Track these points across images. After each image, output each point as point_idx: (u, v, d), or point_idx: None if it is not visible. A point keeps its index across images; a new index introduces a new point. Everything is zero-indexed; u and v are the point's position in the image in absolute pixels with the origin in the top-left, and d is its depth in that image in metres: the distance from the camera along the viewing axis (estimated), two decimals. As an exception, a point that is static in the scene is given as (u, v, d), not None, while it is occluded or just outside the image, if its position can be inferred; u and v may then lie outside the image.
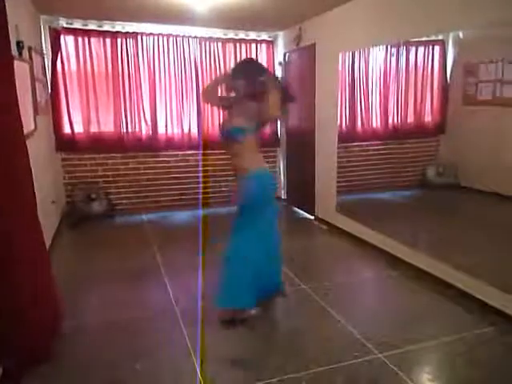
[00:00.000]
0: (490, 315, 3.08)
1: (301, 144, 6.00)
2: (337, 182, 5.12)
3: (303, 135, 5.89)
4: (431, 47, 4.72)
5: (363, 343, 2.80)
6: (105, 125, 5.81)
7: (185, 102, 6.07)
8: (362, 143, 5.43)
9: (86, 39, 5.54)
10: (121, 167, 5.99)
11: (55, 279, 3.03)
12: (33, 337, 2.55)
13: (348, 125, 5.37)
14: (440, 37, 4.37)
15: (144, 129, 5.96)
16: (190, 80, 6.06)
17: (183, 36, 5.93)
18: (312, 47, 5.45)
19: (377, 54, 5.06)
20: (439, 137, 4.79)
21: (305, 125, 5.81)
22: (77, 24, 5.44)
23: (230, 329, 3.00)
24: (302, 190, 6.03)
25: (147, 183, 6.13)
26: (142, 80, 5.87)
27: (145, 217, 5.92)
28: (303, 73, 5.80)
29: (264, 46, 6.41)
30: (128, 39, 5.70)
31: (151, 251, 4.55)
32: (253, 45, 6.32)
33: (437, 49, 4.68)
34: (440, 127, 4.82)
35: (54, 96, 5.49)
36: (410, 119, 5.14)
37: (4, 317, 2.40)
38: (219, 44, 6.13)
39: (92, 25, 5.51)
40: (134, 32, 5.70)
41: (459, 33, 3.96)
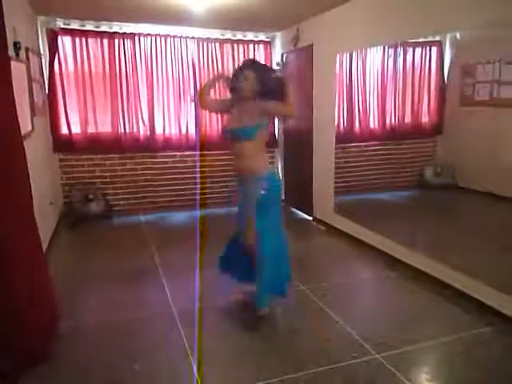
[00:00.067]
0: (488, 315, 3.08)
1: (299, 144, 6.01)
2: (335, 183, 5.13)
3: (301, 136, 5.89)
4: (428, 48, 4.73)
5: (361, 344, 2.80)
6: (102, 125, 5.80)
7: (182, 103, 6.07)
8: (360, 144, 5.44)
9: (84, 40, 5.53)
10: (118, 168, 5.98)
11: (52, 280, 3.03)
12: (30, 337, 2.54)
13: (346, 125, 5.38)
14: (437, 38, 4.38)
15: (142, 129, 5.96)
16: (188, 80, 6.06)
17: (181, 37, 5.93)
18: (309, 48, 5.45)
19: (374, 55, 5.07)
20: (437, 137, 4.80)
21: (302, 125, 5.81)
22: (74, 25, 5.43)
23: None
24: (300, 191, 6.03)
25: (145, 184, 6.12)
26: (140, 80, 5.86)
27: (142, 217, 5.91)
28: (301, 73, 5.80)
29: (262, 47, 6.41)
30: (125, 40, 5.69)
31: (149, 252, 4.55)
32: (250, 45, 6.32)
33: (434, 50, 4.69)
34: (437, 128, 4.83)
35: (52, 97, 5.48)
36: (408, 120, 5.15)
37: (1, 317, 2.40)
38: (217, 45, 6.13)
39: (89, 25, 5.50)
40: (132, 33, 5.70)
41: (456, 34, 3.96)
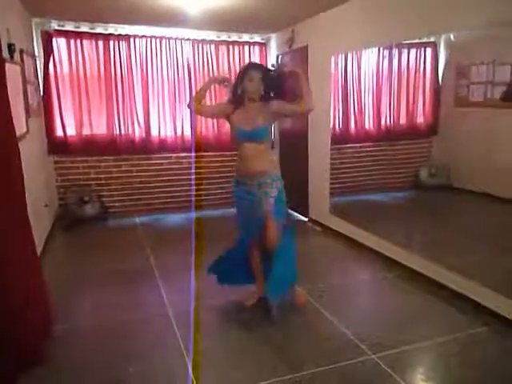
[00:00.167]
0: (484, 316, 3.08)
1: (294, 146, 6.01)
2: (330, 184, 5.13)
3: (296, 137, 5.89)
4: (423, 49, 4.75)
5: (357, 344, 2.80)
6: (97, 127, 5.79)
7: (178, 104, 6.06)
8: (355, 145, 5.45)
9: (79, 41, 5.52)
10: (113, 170, 5.96)
11: (47, 282, 3.02)
12: (25, 339, 2.53)
13: (341, 126, 5.39)
14: (432, 39, 4.40)
15: (137, 131, 5.95)
16: (183, 82, 6.05)
17: (176, 38, 5.93)
18: (304, 49, 5.46)
19: (369, 56, 5.08)
20: (432, 138, 4.82)
21: (298, 126, 5.82)
22: (69, 26, 5.42)
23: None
24: (296, 192, 6.01)
25: (140, 186, 6.10)
26: (135, 82, 5.85)
27: (138, 219, 5.90)
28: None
29: (257, 48, 6.42)
30: (120, 41, 5.68)
31: (144, 254, 4.53)
32: (246, 47, 6.33)
33: (429, 51, 4.71)
34: (432, 129, 4.84)
35: (46, 99, 5.46)
36: (403, 121, 5.16)
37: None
38: (212, 46, 6.13)
39: (84, 27, 5.49)
40: (127, 34, 5.69)
41: (451, 35, 3.98)
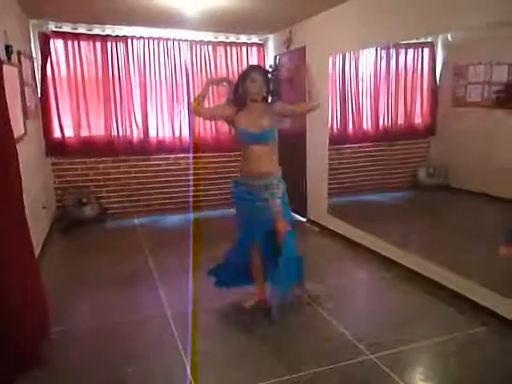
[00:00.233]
0: (482, 315, 3.09)
1: (292, 146, 6.00)
2: (328, 184, 5.13)
3: (294, 137, 5.89)
4: (421, 49, 4.76)
5: (355, 345, 2.80)
6: (95, 129, 5.78)
7: (176, 105, 6.06)
8: (353, 145, 5.45)
9: (76, 43, 5.51)
10: (112, 171, 5.96)
11: (44, 284, 3.02)
12: (22, 341, 2.53)
13: (339, 127, 5.40)
14: (429, 39, 4.40)
15: (135, 132, 5.94)
16: (181, 83, 6.05)
17: (173, 39, 5.93)
18: (302, 50, 5.46)
19: (367, 57, 5.09)
20: (429, 138, 4.83)
21: (296, 127, 5.82)
22: (66, 28, 5.41)
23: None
24: (294, 192, 6.01)
25: (138, 187, 6.10)
26: (133, 83, 5.85)
27: (136, 221, 5.90)
28: (294, 75, 5.80)
29: (255, 49, 6.42)
30: (118, 43, 5.68)
31: (143, 255, 4.53)
32: (243, 48, 6.33)
33: (426, 51, 4.71)
34: (430, 129, 4.85)
35: (44, 100, 5.46)
36: (401, 121, 5.17)
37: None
38: (210, 47, 6.13)
39: (82, 28, 5.48)
40: (124, 35, 5.69)
41: (448, 35, 3.99)
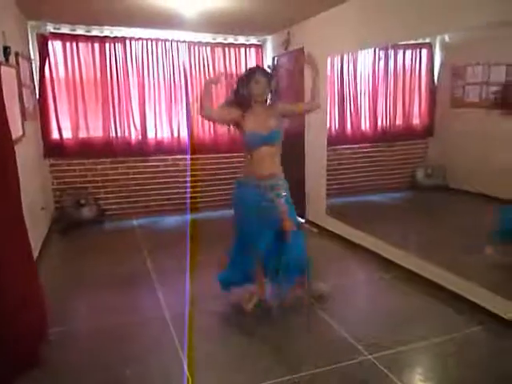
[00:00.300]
0: (480, 316, 3.08)
1: (290, 147, 5.95)
2: (327, 185, 5.14)
3: (293, 138, 5.88)
4: (419, 50, 4.77)
5: (354, 345, 2.80)
6: (94, 130, 5.78)
7: (174, 107, 6.07)
8: (352, 146, 5.45)
9: (74, 44, 5.51)
10: (110, 172, 5.95)
11: (42, 285, 3.01)
12: (20, 342, 2.52)
13: (337, 128, 5.40)
14: (427, 40, 4.41)
15: (133, 133, 5.94)
16: (179, 84, 6.06)
17: (172, 40, 5.93)
18: (300, 51, 5.46)
19: (365, 58, 5.09)
20: (428, 139, 4.83)
21: (294, 128, 5.82)
22: (64, 29, 5.41)
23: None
24: (292, 193, 6.02)
25: (137, 188, 6.09)
26: (131, 85, 5.85)
27: (135, 222, 5.89)
28: (292, 76, 5.81)
29: (253, 50, 6.43)
30: (116, 44, 5.68)
31: (141, 256, 4.53)
32: (242, 49, 6.34)
33: (424, 52, 4.72)
34: (428, 129, 4.86)
35: (42, 102, 5.45)
36: (399, 122, 5.17)
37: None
38: (208, 48, 6.13)
39: (80, 30, 5.48)
40: (123, 37, 5.69)
41: (445, 36, 3.99)
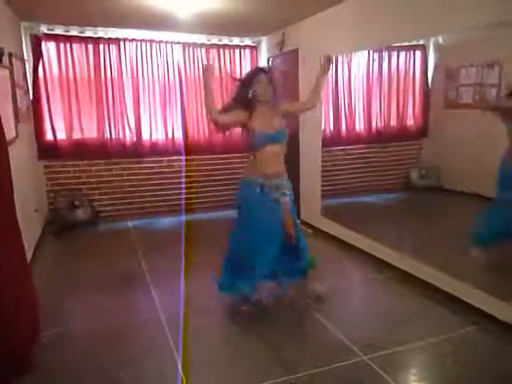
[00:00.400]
0: (475, 316, 3.09)
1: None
2: (321, 186, 5.14)
3: (287, 139, 5.89)
4: (413, 52, 4.79)
5: (349, 346, 2.80)
6: (88, 131, 5.76)
7: (168, 108, 6.06)
8: (346, 147, 5.47)
9: (68, 45, 5.48)
10: (104, 174, 5.93)
11: (36, 287, 3.00)
12: (14, 344, 2.51)
13: (332, 129, 5.41)
14: (421, 41, 4.44)
15: (128, 135, 5.92)
16: (174, 86, 6.05)
17: (166, 42, 5.92)
18: (295, 52, 5.47)
19: (360, 59, 5.11)
20: (422, 140, 4.86)
21: (289, 129, 5.82)
22: (58, 30, 5.38)
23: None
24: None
25: (132, 189, 6.07)
26: (125, 86, 5.84)
27: (130, 223, 5.87)
28: (287, 78, 5.82)
29: (248, 52, 6.43)
30: (110, 45, 5.67)
31: (136, 258, 4.51)
32: (236, 50, 6.34)
33: (418, 53, 4.75)
34: (422, 131, 4.88)
35: (36, 103, 5.43)
36: (393, 123, 5.20)
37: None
38: (203, 50, 6.12)
39: (74, 31, 5.46)
40: (117, 38, 5.68)
41: (439, 38, 4.01)
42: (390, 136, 5.16)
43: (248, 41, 6.38)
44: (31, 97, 5.36)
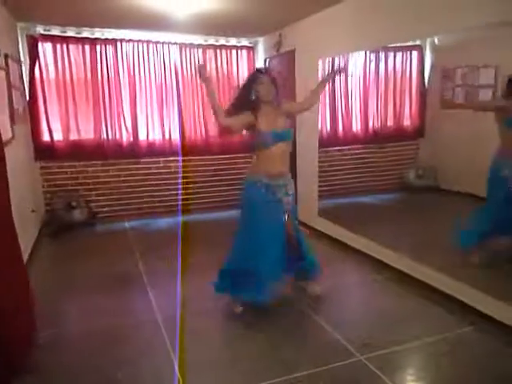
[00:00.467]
0: (472, 316, 3.09)
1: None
2: (318, 187, 5.14)
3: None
4: (409, 52, 4.80)
5: (346, 346, 2.80)
6: (85, 132, 5.74)
7: (165, 108, 6.05)
8: (343, 147, 5.48)
9: (65, 46, 5.47)
10: (101, 174, 5.92)
11: (33, 289, 2.99)
12: (11, 345, 2.50)
13: (329, 129, 5.42)
14: (418, 42, 4.44)
15: (124, 135, 5.91)
16: (171, 86, 6.04)
17: (163, 42, 5.92)
18: (292, 53, 5.48)
19: (356, 60, 5.12)
20: (418, 140, 4.87)
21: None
22: (55, 31, 5.37)
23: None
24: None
25: (129, 190, 6.06)
26: (122, 87, 5.83)
27: (127, 224, 5.85)
28: (283, 78, 5.82)
29: (244, 52, 6.43)
30: (107, 46, 5.66)
31: (133, 259, 4.50)
32: (233, 51, 6.34)
33: (415, 54, 4.76)
34: (419, 131, 4.89)
35: (32, 104, 5.41)
36: (390, 123, 5.21)
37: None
38: (199, 50, 6.12)
39: (70, 31, 5.45)
40: (113, 39, 5.67)
41: (435, 39, 4.02)
42: (387, 136, 5.16)
43: (245, 41, 6.38)
44: (28, 98, 5.35)
